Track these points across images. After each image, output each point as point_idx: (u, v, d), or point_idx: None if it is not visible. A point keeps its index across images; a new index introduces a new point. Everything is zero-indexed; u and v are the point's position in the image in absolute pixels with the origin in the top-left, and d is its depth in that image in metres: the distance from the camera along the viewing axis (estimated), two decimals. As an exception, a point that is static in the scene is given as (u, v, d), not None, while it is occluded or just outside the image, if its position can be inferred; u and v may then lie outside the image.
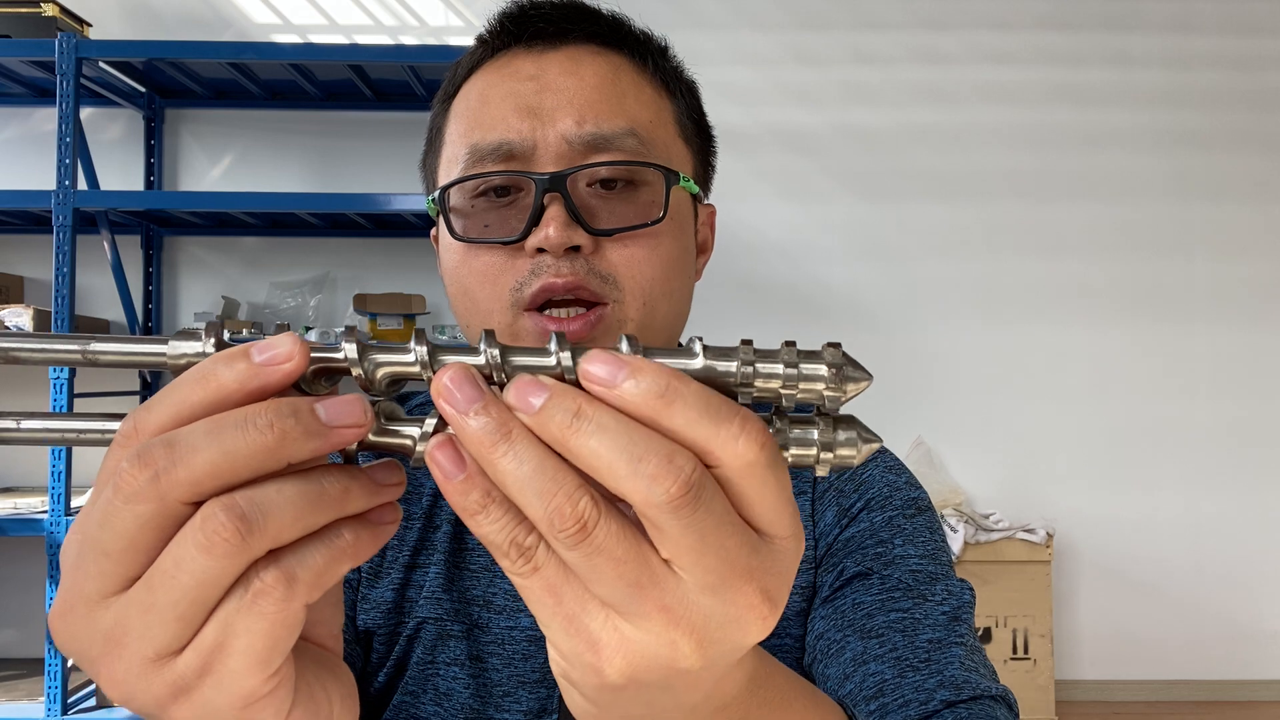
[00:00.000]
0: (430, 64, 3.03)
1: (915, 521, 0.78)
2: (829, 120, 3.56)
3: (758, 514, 0.34)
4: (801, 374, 0.35)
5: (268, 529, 0.32)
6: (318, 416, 0.33)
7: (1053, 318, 3.54)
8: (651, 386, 0.33)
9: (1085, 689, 3.49)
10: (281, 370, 0.33)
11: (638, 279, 0.72)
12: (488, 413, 0.33)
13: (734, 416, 0.33)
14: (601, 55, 0.77)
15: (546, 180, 0.70)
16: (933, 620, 0.72)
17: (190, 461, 0.32)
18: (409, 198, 2.93)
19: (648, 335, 0.74)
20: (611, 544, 0.32)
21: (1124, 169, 3.55)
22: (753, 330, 3.46)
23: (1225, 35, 3.56)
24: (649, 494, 0.32)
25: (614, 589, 0.33)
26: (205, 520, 0.32)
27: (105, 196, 3.12)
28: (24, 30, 2.98)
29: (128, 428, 0.34)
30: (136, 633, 0.33)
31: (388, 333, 3.19)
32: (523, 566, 0.34)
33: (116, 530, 0.32)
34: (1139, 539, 3.52)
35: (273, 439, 0.32)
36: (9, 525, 2.87)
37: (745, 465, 0.33)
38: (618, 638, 0.34)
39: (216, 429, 0.32)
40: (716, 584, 0.33)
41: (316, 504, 0.33)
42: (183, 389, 0.33)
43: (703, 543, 0.32)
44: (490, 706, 0.77)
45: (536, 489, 0.32)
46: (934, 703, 0.66)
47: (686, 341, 0.35)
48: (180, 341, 0.35)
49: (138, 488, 0.32)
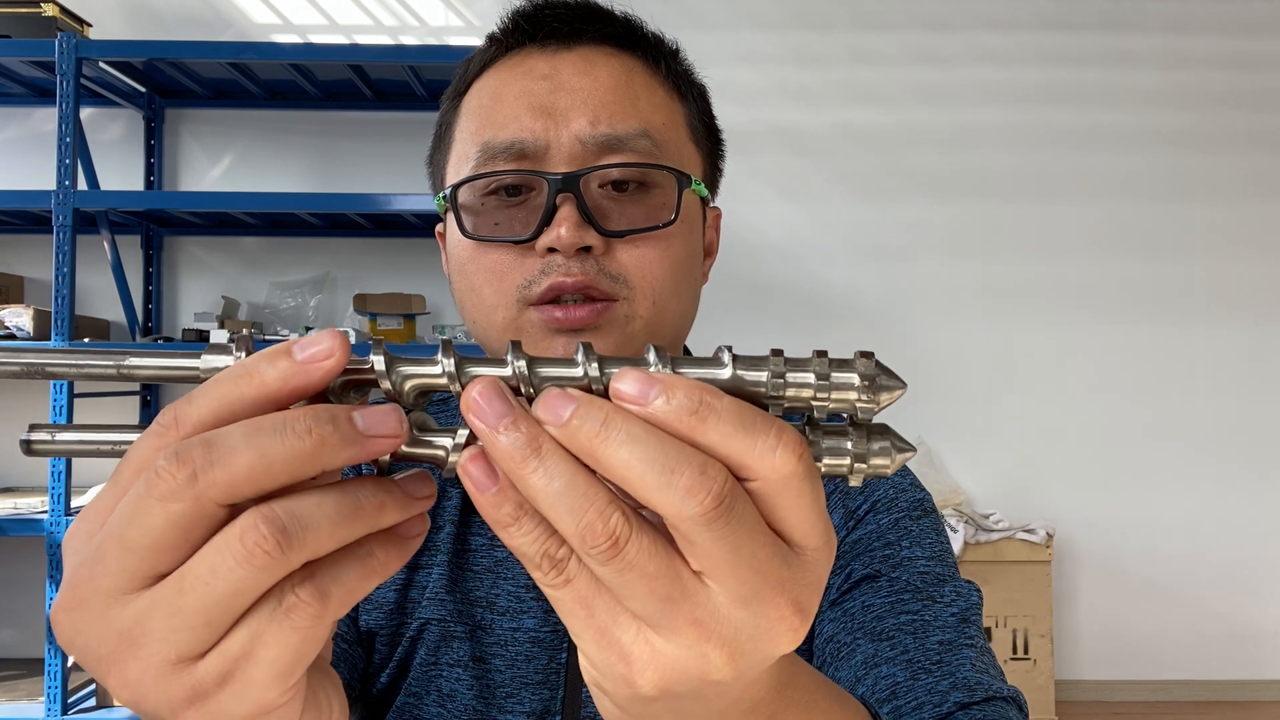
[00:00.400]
0: (430, 64, 3.03)
1: (922, 523, 0.78)
2: (829, 120, 3.56)
3: (792, 525, 0.34)
4: (833, 383, 0.34)
5: (306, 543, 0.32)
6: (355, 425, 0.33)
7: (1053, 318, 3.54)
8: (684, 403, 0.32)
9: (1085, 689, 3.49)
10: (322, 368, 0.33)
11: (648, 279, 0.72)
12: (517, 428, 0.32)
13: (769, 429, 0.33)
14: (615, 57, 0.77)
15: (559, 180, 0.70)
16: (942, 622, 0.72)
17: (228, 463, 0.32)
18: (409, 198, 2.93)
19: (656, 335, 0.74)
20: (643, 560, 0.32)
21: (1124, 169, 3.55)
22: (753, 330, 3.46)
23: (1225, 35, 3.56)
24: (681, 507, 0.31)
25: (645, 603, 0.33)
26: (245, 531, 0.32)
27: (105, 196, 3.12)
28: (24, 30, 2.98)
29: (167, 419, 0.33)
30: (159, 634, 0.33)
31: (388, 333, 3.18)
32: (555, 578, 0.34)
33: (146, 526, 0.32)
34: (1139, 539, 3.52)
35: (310, 445, 0.32)
36: (9, 525, 2.86)
37: (782, 478, 0.33)
38: (649, 650, 0.34)
39: (255, 431, 0.32)
40: (748, 596, 0.33)
41: (353, 518, 0.33)
42: (225, 384, 0.33)
43: (735, 555, 0.32)
44: (493, 708, 0.77)
45: (568, 505, 0.32)
46: (948, 704, 0.66)
47: (715, 351, 0.35)
48: (213, 355, 0.35)
49: (174, 487, 0.31)
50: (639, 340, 0.73)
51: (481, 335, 0.76)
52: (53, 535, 2.81)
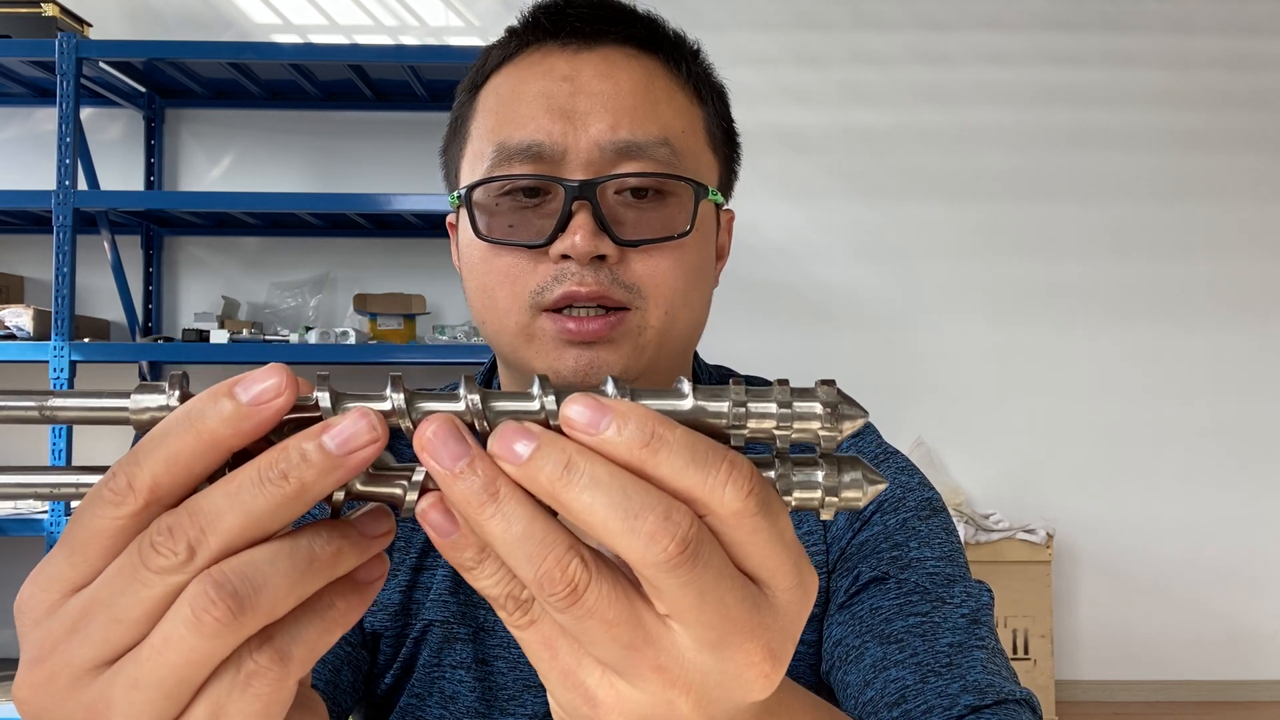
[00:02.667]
0: (430, 64, 3.04)
1: (930, 523, 0.77)
2: (829, 120, 3.56)
3: (755, 564, 0.33)
4: (795, 413, 0.33)
5: (260, 606, 0.31)
6: (328, 451, 0.31)
7: (1052, 317, 3.54)
8: (635, 435, 0.31)
9: (1085, 689, 3.49)
10: (271, 408, 0.31)
11: (662, 289, 0.72)
12: (474, 470, 0.31)
13: (720, 462, 0.31)
14: (636, 59, 0.75)
15: (576, 187, 0.69)
16: (952, 623, 0.71)
17: (219, 528, 0.31)
18: (409, 198, 2.93)
19: (667, 345, 0.74)
20: (603, 606, 0.31)
21: (1124, 169, 3.55)
22: (752, 331, 3.46)
23: (1225, 35, 3.56)
24: (645, 553, 0.30)
25: (608, 650, 0.32)
26: (196, 598, 0.30)
27: (105, 196, 3.12)
28: (24, 30, 2.98)
29: (119, 484, 0.31)
30: (121, 708, 0.32)
31: (388, 333, 3.18)
32: (520, 619, 0.33)
33: (140, 597, 0.31)
34: (1139, 539, 3.52)
35: (292, 489, 0.31)
36: (9, 525, 2.86)
37: (733, 514, 0.31)
38: (614, 695, 0.33)
39: (235, 491, 0.31)
40: (715, 641, 0.32)
41: (308, 572, 0.32)
42: (171, 439, 0.31)
43: (701, 600, 0.31)
44: (496, 710, 0.77)
45: (525, 552, 0.31)
46: (958, 707, 0.66)
47: (675, 382, 0.34)
48: (143, 395, 0.33)
49: (172, 562, 0.30)
50: (651, 350, 0.72)
51: (493, 337, 0.76)
52: (52, 535, 2.81)
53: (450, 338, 3.23)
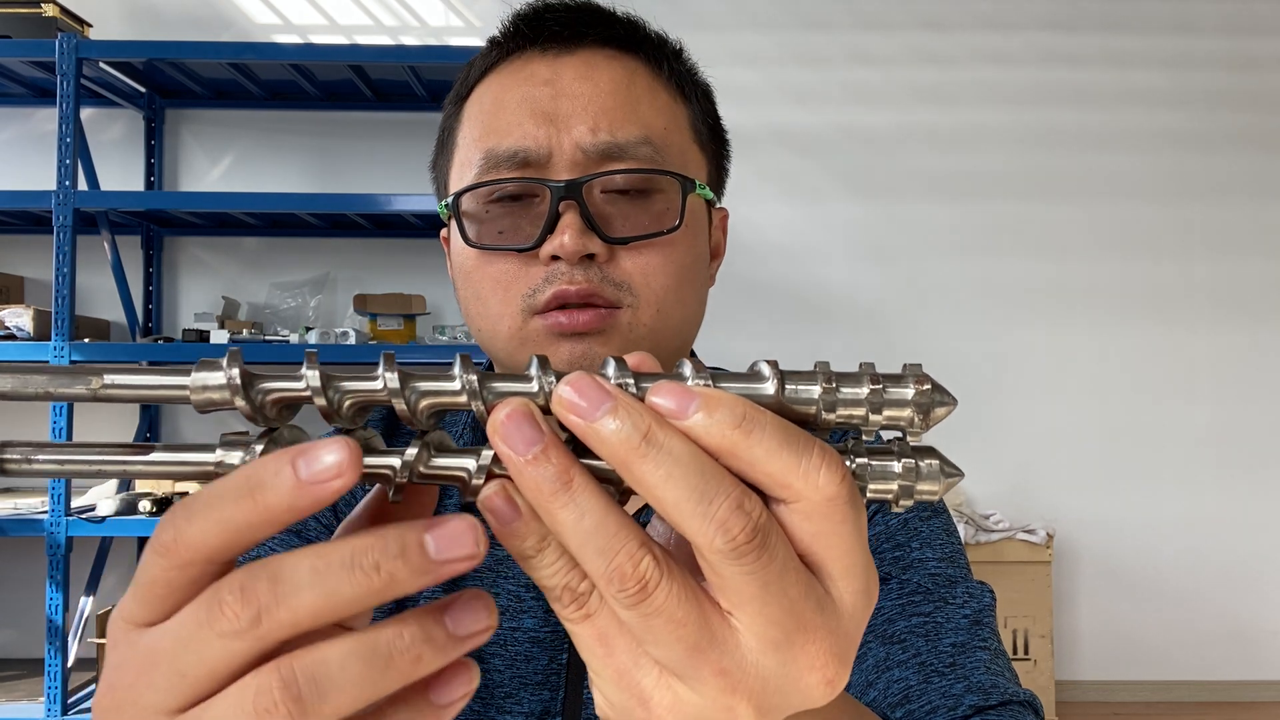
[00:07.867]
0: (430, 64, 3.03)
1: (932, 523, 0.77)
2: (829, 120, 3.56)
3: (832, 558, 0.32)
4: (886, 399, 0.32)
5: (323, 711, 0.30)
6: (427, 553, 0.30)
7: (1052, 318, 3.54)
8: (728, 417, 0.30)
9: (1085, 689, 3.49)
10: (329, 489, 0.30)
11: (652, 286, 0.72)
12: (548, 458, 0.30)
13: (812, 446, 0.31)
14: (617, 60, 0.76)
15: (562, 188, 0.70)
16: (955, 624, 0.71)
17: (293, 603, 0.29)
18: (409, 198, 2.93)
19: (660, 342, 0.74)
20: (672, 605, 0.30)
21: (1124, 169, 3.55)
22: (752, 331, 3.46)
23: (1225, 35, 3.56)
24: (714, 538, 0.30)
25: (671, 650, 0.31)
26: (260, 691, 0.29)
27: (105, 197, 3.11)
28: (24, 30, 2.98)
29: (167, 537, 0.30)
30: None
31: (388, 333, 3.18)
32: (574, 613, 0.32)
33: (203, 657, 0.30)
34: (1139, 539, 3.52)
35: (380, 583, 0.29)
36: (9, 525, 2.86)
37: (826, 500, 0.30)
38: (671, 697, 0.32)
39: (323, 568, 0.30)
40: (780, 640, 0.31)
41: (382, 677, 0.30)
42: (227, 505, 0.30)
43: (765, 591, 0.30)
44: (492, 708, 0.77)
45: (597, 545, 0.30)
46: (962, 708, 0.66)
47: (751, 364, 0.33)
48: (203, 373, 0.32)
49: (238, 626, 0.30)
50: (642, 348, 0.72)
51: (487, 343, 0.76)
52: (53, 535, 2.80)
53: (450, 338, 3.23)
